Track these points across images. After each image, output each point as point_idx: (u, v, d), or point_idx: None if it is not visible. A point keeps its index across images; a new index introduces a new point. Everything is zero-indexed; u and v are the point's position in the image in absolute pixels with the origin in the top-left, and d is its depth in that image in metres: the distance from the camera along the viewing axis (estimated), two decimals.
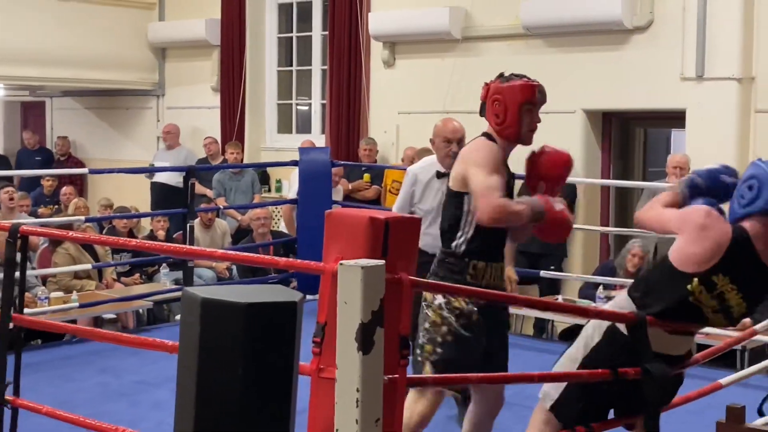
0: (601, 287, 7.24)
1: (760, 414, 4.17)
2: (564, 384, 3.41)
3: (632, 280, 3.99)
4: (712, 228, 3.21)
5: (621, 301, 3.46)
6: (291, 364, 2.15)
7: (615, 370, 3.23)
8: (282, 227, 9.87)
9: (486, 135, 3.94)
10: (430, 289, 2.83)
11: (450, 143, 5.03)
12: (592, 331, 3.43)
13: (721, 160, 7.88)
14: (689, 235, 3.23)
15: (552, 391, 3.47)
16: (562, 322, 7.67)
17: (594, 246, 8.78)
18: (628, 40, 8.39)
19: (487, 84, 3.92)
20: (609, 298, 6.30)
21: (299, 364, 2.58)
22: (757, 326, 4.54)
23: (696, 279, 3.22)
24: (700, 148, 7.88)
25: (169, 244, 8.09)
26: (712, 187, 3.40)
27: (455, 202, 3.89)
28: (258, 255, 4.19)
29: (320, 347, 2.69)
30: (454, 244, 3.88)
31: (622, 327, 3.32)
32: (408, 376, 2.72)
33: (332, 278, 2.67)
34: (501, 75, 3.91)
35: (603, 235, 8.49)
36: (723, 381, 4.28)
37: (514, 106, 3.79)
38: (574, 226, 8.09)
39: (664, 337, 3.32)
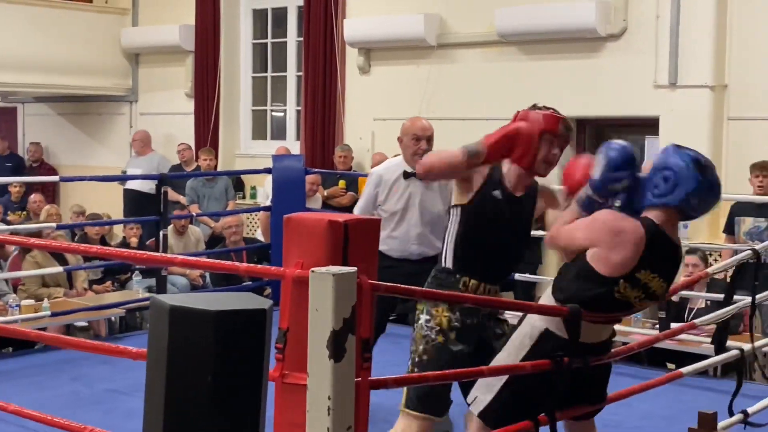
0: None
1: (730, 413, 4.20)
2: (495, 391, 3.40)
3: None
4: (624, 230, 3.25)
5: (546, 303, 3.47)
6: (260, 371, 2.14)
7: (556, 360, 3.23)
8: (258, 235, 9.83)
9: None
10: (390, 292, 2.83)
11: (419, 141, 4.98)
12: (522, 337, 3.43)
13: None
14: (605, 243, 3.26)
15: (481, 396, 3.45)
16: None
17: None
18: (602, 47, 8.43)
19: (517, 111, 3.75)
20: None
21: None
22: (697, 320, 4.55)
23: (622, 280, 3.28)
24: None
25: (126, 249, 7.98)
26: (608, 195, 3.41)
27: (447, 216, 3.83)
28: (218, 261, 4.13)
29: (283, 353, 2.67)
30: (443, 257, 3.80)
31: (554, 328, 3.32)
32: (370, 378, 2.71)
33: (293, 283, 2.66)
34: (534, 105, 3.76)
35: None
36: (684, 370, 4.30)
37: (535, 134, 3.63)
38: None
39: (590, 327, 3.35)
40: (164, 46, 11.39)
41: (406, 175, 5.01)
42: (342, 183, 9.41)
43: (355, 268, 2.59)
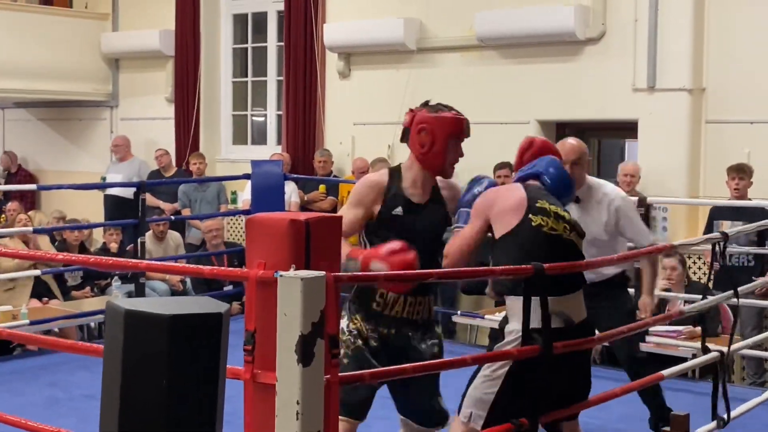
0: None
1: (714, 417, 4.20)
2: (489, 402, 3.40)
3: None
4: (499, 187, 3.65)
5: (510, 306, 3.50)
6: (216, 375, 2.12)
7: (546, 346, 3.23)
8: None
9: (396, 167, 3.85)
10: (353, 281, 2.86)
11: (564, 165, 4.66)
12: (501, 345, 3.45)
13: (673, 169, 7.99)
14: (492, 201, 3.56)
15: (477, 411, 3.45)
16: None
17: None
18: (581, 51, 8.45)
19: (411, 110, 3.75)
20: None
21: (234, 370, 2.54)
22: (686, 308, 4.54)
23: (530, 215, 3.47)
24: (652, 158, 7.96)
25: (101, 256, 7.92)
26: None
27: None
28: (184, 265, 4.18)
29: (252, 355, 2.66)
30: None
31: (533, 322, 3.29)
32: (340, 374, 2.70)
33: (257, 285, 2.65)
34: (426, 103, 3.78)
35: None
36: (665, 372, 4.29)
37: (442, 138, 3.67)
38: None
39: (565, 304, 3.39)
40: (144, 51, 11.36)
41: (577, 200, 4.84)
42: (322, 187, 9.41)
43: (324, 273, 2.58)
